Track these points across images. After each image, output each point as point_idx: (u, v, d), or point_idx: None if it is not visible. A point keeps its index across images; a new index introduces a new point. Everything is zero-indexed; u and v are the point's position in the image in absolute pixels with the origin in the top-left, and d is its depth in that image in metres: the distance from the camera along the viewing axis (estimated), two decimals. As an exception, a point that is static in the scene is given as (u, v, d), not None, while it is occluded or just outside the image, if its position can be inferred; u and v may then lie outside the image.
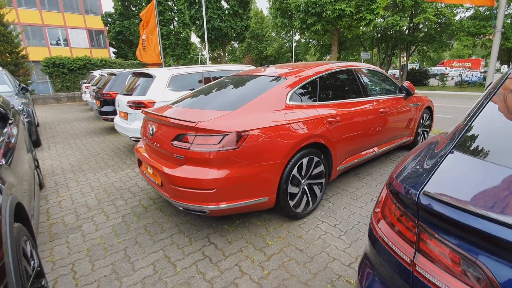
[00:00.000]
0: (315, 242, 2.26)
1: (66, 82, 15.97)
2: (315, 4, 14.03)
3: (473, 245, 0.67)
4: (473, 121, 1.15)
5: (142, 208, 2.94)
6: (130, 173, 3.99)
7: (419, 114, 4.29)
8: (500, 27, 5.25)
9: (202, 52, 46.60)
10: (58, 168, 4.35)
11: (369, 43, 25.20)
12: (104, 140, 6.15)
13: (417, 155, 1.15)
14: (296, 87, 2.61)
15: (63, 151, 5.31)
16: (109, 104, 6.38)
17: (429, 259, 0.74)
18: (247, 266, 2.01)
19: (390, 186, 0.96)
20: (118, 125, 4.79)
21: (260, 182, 2.19)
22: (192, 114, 2.35)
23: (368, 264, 0.99)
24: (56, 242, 2.38)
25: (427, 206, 0.75)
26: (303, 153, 2.41)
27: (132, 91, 4.77)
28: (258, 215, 2.70)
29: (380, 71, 3.95)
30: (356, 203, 2.90)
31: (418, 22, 19.57)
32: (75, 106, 13.48)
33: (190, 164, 2.07)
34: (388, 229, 0.89)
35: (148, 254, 2.17)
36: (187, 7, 19.93)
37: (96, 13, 29.96)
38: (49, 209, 2.98)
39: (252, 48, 35.94)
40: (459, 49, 43.65)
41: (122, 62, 18.72)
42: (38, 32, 26.85)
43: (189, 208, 2.14)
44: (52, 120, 9.26)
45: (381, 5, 13.67)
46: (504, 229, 0.63)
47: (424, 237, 0.77)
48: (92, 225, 2.64)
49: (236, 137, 2.03)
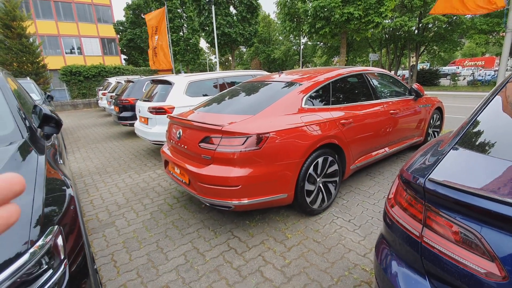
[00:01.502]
0: (332, 235, 2.43)
1: (82, 89, 16.65)
2: (324, 9, 14.23)
3: (469, 218, 0.84)
4: (475, 119, 1.31)
5: (167, 206, 3.17)
6: (152, 175, 4.24)
7: (429, 115, 4.40)
8: (511, 27, 5.32)
9: (211, 57, 47.33)
10: (85, 170, 4.66)
11: (377, 44, 25.13)
12: (123, 144, 6.47)
13: (425, 152, 1.33)
14: (311, 92, 2.81)
15: (87, 155, 5.64)
16: (127, 110, 6.72)
17: (434, 232, 0.92)
18: (269, 256, 2.19)
19: (402, 177, 1.14)
20: (139, 130, 5.08)
21: (279, 180, 2.38)
22: (216, 118, 2.58)
23: (385, 242, 1.17)
24: (94, 236, 2.62)
25: (432, 190, 0.93)
26: (319, 153, 2.60)
27: (152, 98, 5.06)
28: (276, 211, 2.88)
29: (389, 74, 4.10)
30: (369, 200, 3.05)
31: (427, 22, 19.46)
32: (92, 112, 14.03)
33: (217, 163, 2.29)
34: (400, 211, 1.07)
35: (178, 246, 2.39)
36: (197, 14, 20.45)
37: (108, 22, 31.02)
38: (83, 207, 3.25)
39: (260, 51, 36.34)
40: (471, 47, 42.90)
41: (134, 69, 19.36)
42: (54, 42, 27.98)
43: (215, 203, 2.35)
44: (72, 125, 9.71)
45: (389, 8, 13.75)
46: (494, 203, 0.80)
47: (430, 215, 0.94)
48: (124, 221, 2.88)
49: (258, 139, 2.24)
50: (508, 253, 0.78)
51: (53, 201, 1.20)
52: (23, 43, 13.23)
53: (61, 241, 1.03)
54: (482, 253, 0.82)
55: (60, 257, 1.00)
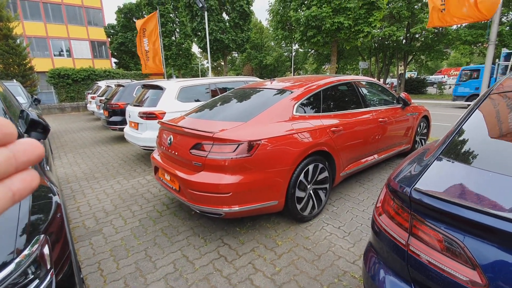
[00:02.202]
0: (322, 242, 2.45)
1: (70, 92, 16.33)
2: (315, 18, 14.52)
3: (453, 227, 0.87)
4: (459, 129, 1.36)
5: (156, 212, 3.12)
6: (142, 180, 4.18)
7: (416, 123, 4.52)
8: (494, 39, 5.56)
9: (203, 62, 47.37)
10: (72, 176, 4.55)
11: (367, 53, 25.75)
12: (112, 149, 6.36)
13: (412, 160, 1.37)
14: (302, 99, 2.85)
15: (74, 160, 5.51)
16: (117, 114, 6.62)
17: (419, 240, 0.95)
18: (260, 264, 2.19)
19: (389, 186, 1.17)
20: (129, 135, 5.01)
21: (270, 187, 2.39)
22: (207, 124, 2.58)
23: (372, 250, 1.19)
24: (81, 244, 2.56)
25: (418, 199, 0.96)
26: (309, 160, 2.62)
27: (143, 102, 5.01)
28: (267, 218, 2.88)
29: (378, 83, 4.21)
30: (359, 207, 3.09)
31: (414, 32, 20.10)
32: (80, 116, 13.75)
33: (208, 170, 2.28)
34: (388, 220, 1.10)
35: (167, 254, 2.35)
36: (189, 20, 20.50)
37: (98, 25, 30.69)
38: (69, 214, 3.16)
39: (252, 57, 36.63)
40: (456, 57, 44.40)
41: (125, 73, 19.15)
42: (42, 44, 27.45)
43: (205, 210, 2.34)
44: (59, 129, 9.49)
45: (378, 18, 14.15)
46: (476, 213, 0.83)
47: (416, 223, 0.97)
48: (112, 228, 2.82)
49: (249, 146, 2.25)
50: (489, 261, 0.81)
51: (39, 209, 1.17)
52: (10, 44, 12.93)
53: (47, 250, 1.01)
54: (465, 261, 0.85)
55: (47, 266, 0.98)
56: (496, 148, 1.20)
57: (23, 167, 0.28)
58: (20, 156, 0.27)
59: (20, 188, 0.27)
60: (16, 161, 0.27)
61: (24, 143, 0.28)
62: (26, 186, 0.28)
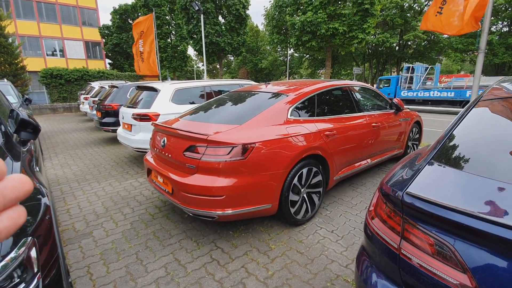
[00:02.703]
0: (315, 246, 2.45)
1: (63, 92, 16.09)
2: (310, 23, 14.69)
3: (444, 231, 0.88)
4: (449, 135, 1.39)
5: (149, 215, 3.08)
6: (134, 183, 4.13)
7: (409, 128, 4.59)
8: (483, 48, 5.70)
9: (198, 65, 47.36)
10: (62, 177, 4.46)
11: (361, 59, 26.17)
12: (104, 150, 6.28)
13: (404, 165, 1.38)
14: (296, 103, 2.86)
15: (65, 161, 5.41)
16: (110, 116, 6.55)
17: (411, 244, 0.95)
18: (252, 268, 2.17)
19: (381, 189, 1.18)
20: (122, 136, 4.95)
21: (264, 190, 2.39)
22: (202, 127, 2.57)
23: (365, 253, 1.19)
24: (70, 247, 2.50)
25: (409, 203, 0.97)
26: (303, 163, 2.63)
27: (137, 104, 4.97)
28: (260, 222, 2.87)
29: (371, 88, 4.27)
30: (352, 211, 3.11)
31: (407, 39, 20.55)
32: (72, 116, 13.56)
33: (201, 173, 2.27)
34: (380, 223, 1.10)
35: (159, 257, 2.32)
36: (185, 22, 20.52)
37: (93, 25, 30.44)
38: (59, 216, 3.10)
39: (247, 61, 36.80)
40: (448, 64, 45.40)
41: (119, 74, 18.99)
42: (35, 43, 27.07)
43: (198, 213, 2.32)
44: (50, 130, 9.33)
45: (372, 25, 14.40)
46: (467, 218, 0.84)
47: (408, 227, 0.98)
48: (103, 231, 2.77)
49: (244, 149, 2.24)
50: (478, 264, 0.82)
51: (27, 211, 1.14)
52: (1, 43, 12.71)
53: (34, 253, 0.98)
54: (456, 265, 0.86)
55: (33, 270, 0.95)
56: (485, 153, 1.22)
57: (11, 204, 0.28)
58: (8, 193, 0.27)
59: (6, 226, 0.27)
60: (4, 199, 0.27)
61: (13, 179, 0.28)
62: (12, 224, 0.28)
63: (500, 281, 0.76)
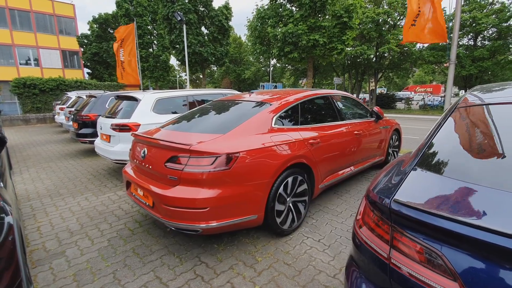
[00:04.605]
0: (302, 257, 2.40)
1: (37, 103, 15.34)
2: (292, 34, 15.06)
3: (433, 239, 0.87)
4: (430, 142, 1.41)
5: (128, 231, 2.92)
6: (112, 196, 3.93)
7: (389, 135, 4.72)
8: (454, 59, 6.07)
9: (181, 74, 47.03)
10: (33, 193, 4.17)
11: (341, 69, 27.05)
12: (81, 163, 5.97)
13: (388, 172, 1.38)
14: (280, 112, 2.86)
15: (36, 175, 5.08)
16: (87, 127, 6.28)
17: (401, 253, 0.93)
18: (239, 283, 2.08)
19: (368, 197, 1.16)
20: (100, 148, 4.74)
21: (249, 201, 2.33)
22: (184, 137, 2.49)
23: (354, 263, 1.16)
24: (39, 269, 2.30)
25: (397, 211, 0.95)
26: (288, 172, 2.60)
27: (116, 114, 4.79)
28: (246, 233, 2.79)
29: (352, 97, 4.37)
30: (337, 219, 3.10)
31: (383, 51, 21.52)
32: (46, 128, 12.91)
33: (184, 184, 2.18)
34: (368, 232, 1.08)
35: (138, 276, 2.18)
36: (168, 32, 20.41)
37: (71, 34, 29.61)
38: (28, 235, 2.86)
39: (231, 71, 37.00)
40: (421, 75, 47.96)
41: (98, 83, 18.42)
42: (7, 51, 25.88)
43: (181, 227, 2.21)
44: (22, 142, 8.80)
45: (351, 37, 14.98)
46: (455, 224, 0.83)
47: (397, 235, 0.96)
48: (77, 250, 2.58)
49: (228, 159, 2.19)
50: (468, 272, 0.80)
51: (-15, 233, 1.02)
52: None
53: None
54: (446, 273, 0.84)
55: None
56: (466, 159, 1.25)
57: None
58: None
59: None
60: None
61: None
62: None
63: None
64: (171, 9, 18.88)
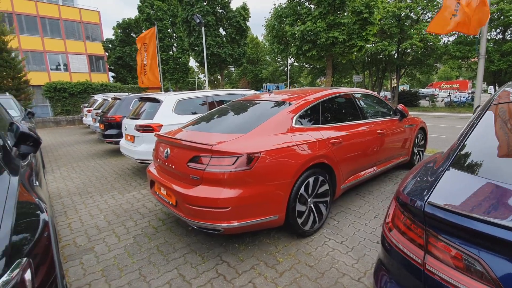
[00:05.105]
0: (324, 259, 2.35)
1: (66, 106, 16.23)
2: (310, 33, 14.84)
3: (473, 244, 0.81)
4: (465, 141, 1.33)
5: (152, 229, 3.00)
6: (137, 195, 4.06)
7: (414, 134, 4.52)
8: (483, 53, 5.71)
9: (199, 76, 47.86)
10: (64, 190, 4.41)
11: (360, 67, 26.31)
12: (107, 162, 6.24)
13: (418, 172, 1.32)
14: (300, 111, 2.82)
15: (67, 174, 5.37)
16: (113, 128, 6.54)
17: (437, 259, 0.88)
18: (260, 283, 2.07)
19: (399, 199, 1.11)
20: (125, 148, 4.92)
21: (270, 201, 2.31)
22: (205, 137, 2.52)
23: (383, 268, 1.11)
24: (70, 264, 2.42)
25: (433, 214, 0.90)
26: (309, 172, 2.56)
27: (139, 115, 4.96)
28: (267, 234, 2.78)
29: (375, 95, 4.23)
30: (360, 221, 3.01)
31: (405, 47, 20.68)
32: (75, 129, 13.61)
33: (206, 184, 2.20)
34: (400, 236, 1.03)
35: (163, 273, 2.23)
36: (187, 35, 20.83)
37: (96, 39, 31.05)
38: (60, 231, 3.02)
39: (248, 71, 37.15)
40: (446, 71, 45.56)
41: (122, 86, 19.18)
42: (39, 58, 27.57)
43: (203, 226, 2.24)
44: (53, 143, 9.34)
45: (371, 33, 14.52)
46: (497, 229, 0.77)
47: (432, 240, 0.91)
48: (105, 246, 2.69)
49: (249, 159, 2.19)
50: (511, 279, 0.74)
51: (24, 228, 1.08)
52: (4, 58, 12.91)
53: (29, 275, 0.91)
54: (487, 281, 0.79)
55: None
56: (506, 159, 1.16)
57: None
58: None
59: None
60: None
61: None
62: None
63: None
64: (190, 12, 19.25)
